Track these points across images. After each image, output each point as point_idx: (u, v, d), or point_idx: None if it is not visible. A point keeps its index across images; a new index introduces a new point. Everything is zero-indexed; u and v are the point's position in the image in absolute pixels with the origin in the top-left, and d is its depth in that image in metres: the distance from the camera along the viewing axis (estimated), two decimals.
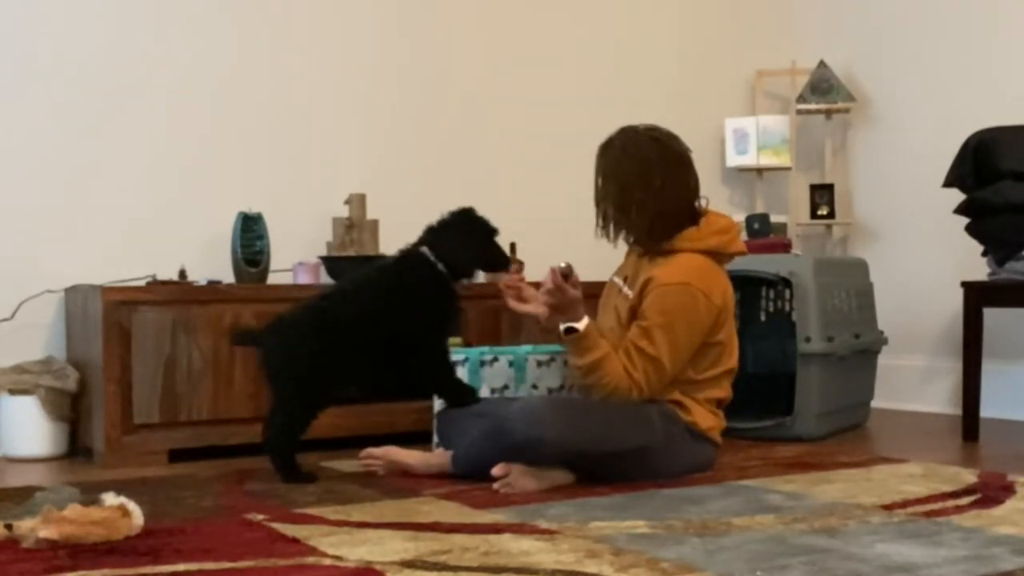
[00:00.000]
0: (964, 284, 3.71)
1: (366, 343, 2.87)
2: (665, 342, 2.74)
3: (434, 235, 2.99)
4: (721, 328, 2.84)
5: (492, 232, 3.02)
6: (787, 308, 3.94)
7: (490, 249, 3.03)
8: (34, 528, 2.07)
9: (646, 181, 2.82)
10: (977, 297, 3.68)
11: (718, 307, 2.81)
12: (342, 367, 2.86)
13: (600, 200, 2.91)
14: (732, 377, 2.94)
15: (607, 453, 2.70)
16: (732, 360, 2.92)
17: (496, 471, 2.67)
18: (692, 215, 2.89)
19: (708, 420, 2.87)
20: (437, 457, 2.93)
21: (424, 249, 2.97)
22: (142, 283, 3.46)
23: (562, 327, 2.77)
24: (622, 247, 3.04)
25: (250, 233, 3.67)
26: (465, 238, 2.98)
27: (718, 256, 2.89)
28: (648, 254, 2.92)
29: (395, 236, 4.04)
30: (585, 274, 3.66)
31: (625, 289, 2.92)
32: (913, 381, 4.59)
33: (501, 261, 3.06)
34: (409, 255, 2.98)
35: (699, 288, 2.77)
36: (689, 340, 2.78)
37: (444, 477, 2.84)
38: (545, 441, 2.63)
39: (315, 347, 2.82)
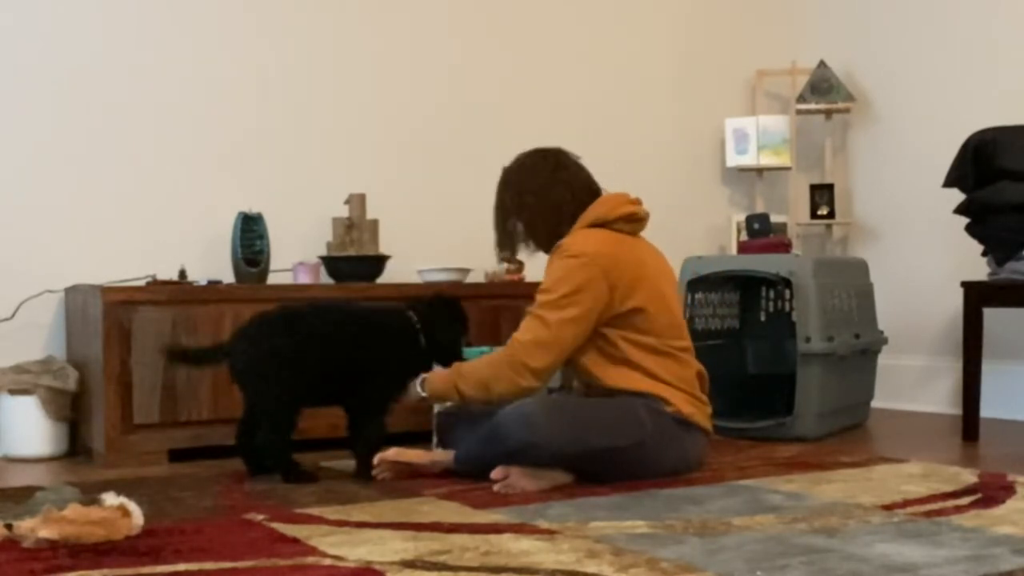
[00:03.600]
0: (964, 284, 3.71)
1: (331, 359, 2.90)
2: (546, 299, 2.80)
3: (422, 307, 3.09)
4: (632, 293, 2.82)
5: (466, 330, 3.16)
6: (787, 308, 3.94)
7: (458, 341, 3.13)
8: (34, 528, 2.08)
9: (521, 184, 3.01)
10: (977, 297, 3.68)
11: (602, 267, 2.80)
12: (307, 373, 2.87)
13: (502, 220, 3.07)
14: (690, 354, 2.94)
15: (601, 451, 2.71)
16: (682, 341, 2.91)
17: (495, 474, 2.68)
18: (593, 198, 2.99)
19: (690, 404, 2.87)
20: (440, 454, 2.95)
21: (410, 313, 3.06)
22: (142, 283, 3.46)
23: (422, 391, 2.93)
24: None
25: (250, 233, 3.67)
26: (449, 321, 3.10)
27: (609, 226, 2.92)
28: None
29: (395, 236, 4.06)
30: None
31: None
32: (913, 381, 4.59)
33: (456, 355, 3.12)
34: (396, 311, 3.07)
35: (578, 249, 2.83)
36: (572, 297, 2.78)
37: (448, 475, 2.85)
38: (539, 444, 2.64)
39: (284, 346, 2.84)
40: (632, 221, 2.97)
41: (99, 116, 3.73)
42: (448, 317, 3.09)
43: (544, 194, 2.97)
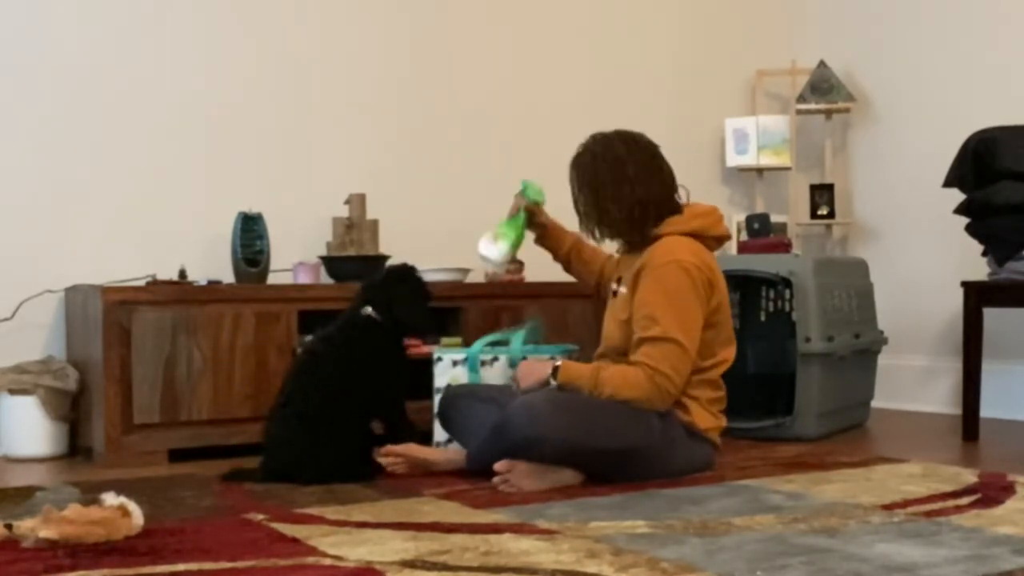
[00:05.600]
0: (964, 284, 3.71)
1: (338, 387, 2.88)
2: (673, 319, 2.72)
3: (377, 293, 3.01)
4: (715, 311, 2.83)
5: (430, 296, 3.09)
6: (787, 308, 3.94)
7: (427, 311, 3.07)
8: (34, 528, 2.07)
9: (621, 174, 2.86)
10: (977, 297, 3.68)
11: (709, 279, 2.80)
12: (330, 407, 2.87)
13: (581, 204, 2.94)
14: (727, 367, 2.92)
15: (605, 451, 2.70)
16: (728, 350, 2.91)
17: (499, 466, 2.68)
18: (672, 206, 2.91)
19: (707, 421, 2.87)
20: (455, 453, 2.95)
21: (368, 309, 2.99)
22: (142, 283, 3.46)
23: (549, 378, 2.80)
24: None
25: (250, 233, 3.67)
26: (410, 301, 3.03)
27: (703, 240, 2.89)
28: (636, 249, 2.92)
29: (395, 236, 4.06)
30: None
31: (621, 289, 2.92)
32: (913, 381, 4.59)
33: (427, 327, 3.11)
34: (354, 315, 3.00)
35: (690, 261, 2.77)
36: (695, 314, 2.76)
37: (459, 473, 2.86)
38: (544, 439, 2.63)
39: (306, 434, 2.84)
40: (721, 241, 2.96)
41: (99, 116, 3.73)
42: (407, 295, 3.02)
43: (644, 185, 2.85)
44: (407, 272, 3.08)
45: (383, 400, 2.97)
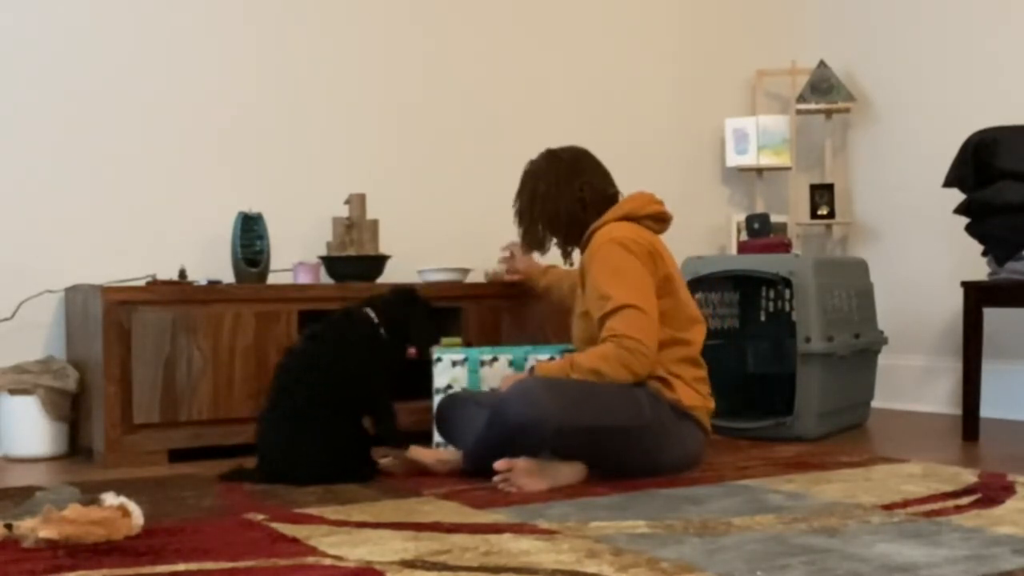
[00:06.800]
0: (964, 284, 3.71)
1: (324, 377, 2.88)
2: (623, 289, 2.80)
3: (386, 307, 3.04)
4: (667, 281, 2.90)
5: (431, 312, 3.14)
6: (787, 308, 3.94)
7: (429, 327, 3.12)
8: (34, 528, 2.08)
9: (533, 192, 3.07)
10: (977, 297, 3.68)
11: (648, 251, 2.88)
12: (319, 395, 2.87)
13: (517, 218, 3.13)
14: (699, 347, 2.96)
15: (601, 429, 2.73)
16: (695, 330, 2.95)
17: (498, 465, 2.68)
18: (602, 208, 3.03)
19: (693, 398, 2.90)
20: (451, 454, 2.96)
21: (368, 310, 3.00)
22: (142, 283, 3.46)
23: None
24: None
25: (250, 233, 3.66)
26: (427, 320, 3.10)
27: (638, 221, 2.98)
28: (582, 250, 3.04)
29: (395, 236, 4.06)
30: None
31: (579, 290, 3.03)
32: (913, 381, 4.59)
33: (428, 342, 3.18)
34: (353, 310, 3.02)
35: (625, 236, 2.88)
36: (643, 279, 2.84)
37: (457, 474, 2.86)
38: (541, 421, 2.65)
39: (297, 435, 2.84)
40: (659, 220, 3.04)
41: (99, 116, 3.73)
42: (422, 315, 3.07)
43: (554, 201, 3.03)
44: (416, 294, 3.12)
45: (370, 397, 2.96)
